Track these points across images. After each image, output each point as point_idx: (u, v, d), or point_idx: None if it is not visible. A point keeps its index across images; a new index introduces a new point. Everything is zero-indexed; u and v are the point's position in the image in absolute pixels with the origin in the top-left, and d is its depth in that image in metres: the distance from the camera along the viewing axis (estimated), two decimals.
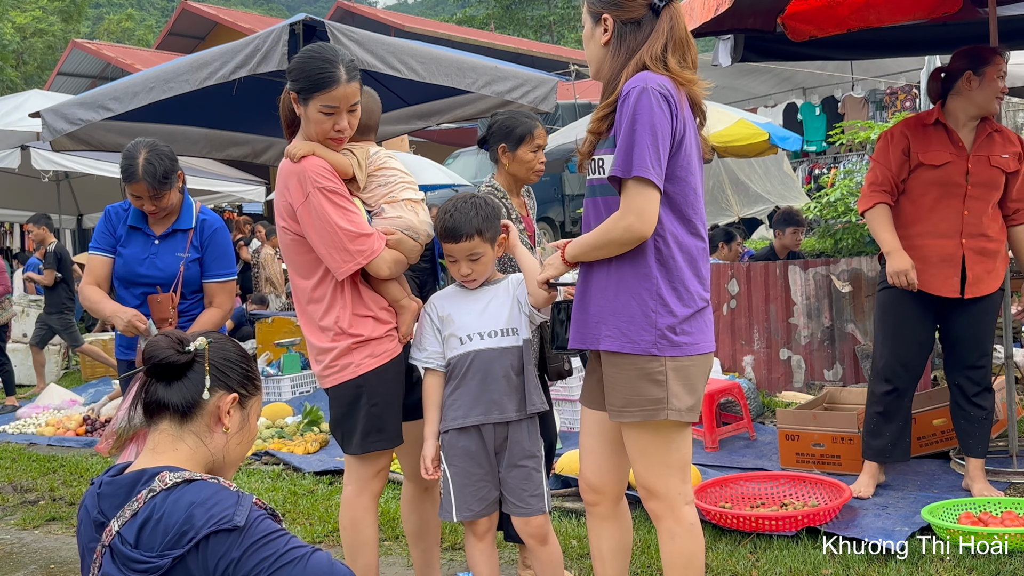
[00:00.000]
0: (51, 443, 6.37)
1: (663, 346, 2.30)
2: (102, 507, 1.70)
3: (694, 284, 2.35)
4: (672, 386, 2.31)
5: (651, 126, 2.23)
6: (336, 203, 2.71)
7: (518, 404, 2.78)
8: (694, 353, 2.34)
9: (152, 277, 3.53)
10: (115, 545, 1.64)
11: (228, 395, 1.80)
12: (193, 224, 3.59)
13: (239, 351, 1.87)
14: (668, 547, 2.43)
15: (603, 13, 2.37)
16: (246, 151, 8.27)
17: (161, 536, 1.60)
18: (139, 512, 1.64)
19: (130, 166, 3.41)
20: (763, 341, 6.16)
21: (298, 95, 2.70)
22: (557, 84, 6.87)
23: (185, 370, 1.77)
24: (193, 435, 1.78)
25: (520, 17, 39.52)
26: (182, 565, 1.59)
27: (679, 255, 2.33)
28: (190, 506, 1.62)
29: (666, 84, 2.28)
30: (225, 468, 1.84)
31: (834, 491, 3.79)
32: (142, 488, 1.67)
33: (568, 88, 14.85)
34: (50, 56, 29.46)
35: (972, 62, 3.81)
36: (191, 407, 1.77)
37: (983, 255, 3.81)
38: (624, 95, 2.27)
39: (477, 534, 2.85)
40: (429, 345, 2.86)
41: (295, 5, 56.26)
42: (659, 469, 2.39)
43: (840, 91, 13.72)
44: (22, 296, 10.34)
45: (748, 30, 4.46)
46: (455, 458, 2.80)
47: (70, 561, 4.03)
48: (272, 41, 5.74)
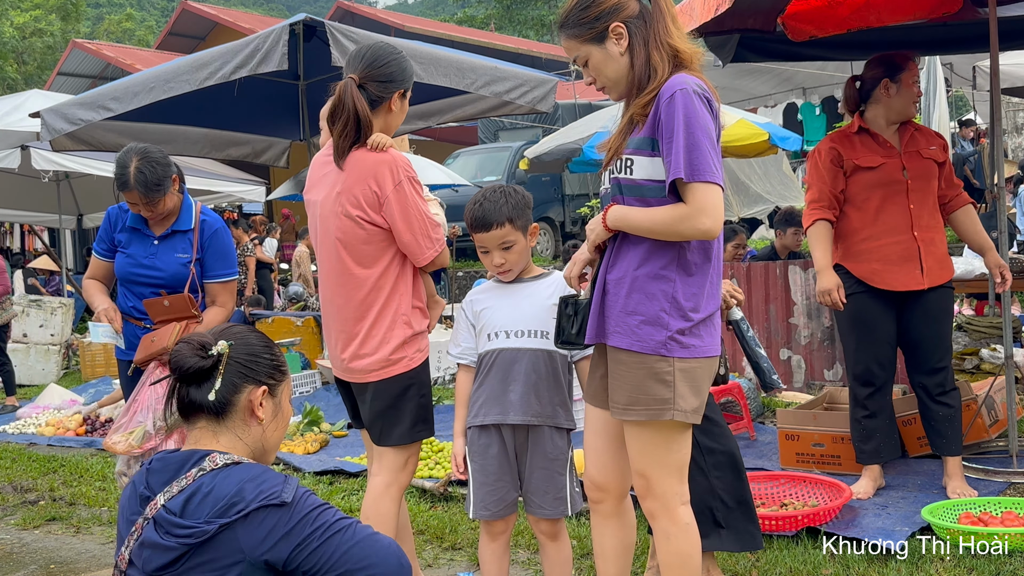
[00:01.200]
0: (51, 443, 6.37)
1: (673, 347, 2.30)
2: (150, 481, 1.77)
3: (708, 289, 2.35)
4: (679, 387, 2.31)
5: (705, 128, 2.24)
6: (420, 193, 2.87)
7: (539, 410, 2.72)
8: (702, 356, 2.34)
9: (152, 277, 3.54)
10: (159, 516, 1.70)
11: (258, 388, 1.86)
12: (193, 225, 3.59)
13: (262, 341, 1.93)
14: (663, 547, 2.43)
15: (608, 26, 2.33)
16: (246, 151, 8.28)
17: (209, 506, 1.67)
18: (186, 488, 1.71)
19: (122, 175, 3.42)
20: (763, 341, 6.16)
21: (404, 92, 2.90)
22: (557, 84, 6.87)
23: (212, 372, 1.84)
24: (230, 430, 1.85)
25: (520, 17, 39.47)
26: (229, 534, 1.66)
27: (699, 260, 2.33)
28: (241, 481, 1.70)
29: (702, 84, 2.29)
30: (266, 454, 1.91)
31: (834, 491, 3.79)
32: (192, 467, 1.74)
33: (568, 88, 14.84)
34: (50, 56, 29.45)
35: (888, 70, 3.90)
36: (224, 405, 1.83)
37: (933, 245, 3.90)
38: (668, 96, 2.25)
39: (491, 534, 2.84)
40: (464, 340, 2.86)
41: (295, 5, 56.26)
42: (658, 468, 2.39)
43: (840, 91, 13.72)
44: (22, 296, 10.34)
45: (748, 30, 4.46)
46: (476, 455, 2.79)
47: (70, 561, 4.03)
48: (272, 41, 5.74)
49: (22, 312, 9.72)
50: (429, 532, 3.90)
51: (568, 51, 2.42)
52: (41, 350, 9.79)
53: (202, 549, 1.66)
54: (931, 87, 9.56)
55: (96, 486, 5.12)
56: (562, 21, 2.39)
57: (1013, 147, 14.70)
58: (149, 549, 1.70)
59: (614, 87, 2.41)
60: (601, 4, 2.32)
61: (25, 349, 9.63)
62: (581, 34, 2.35)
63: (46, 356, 9.79)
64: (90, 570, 3.86)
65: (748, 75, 9.91)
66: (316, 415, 6.02)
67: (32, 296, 10.41)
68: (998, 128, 5.01)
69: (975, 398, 4.28)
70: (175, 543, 1.67)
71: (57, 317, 9.86)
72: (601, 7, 2.32)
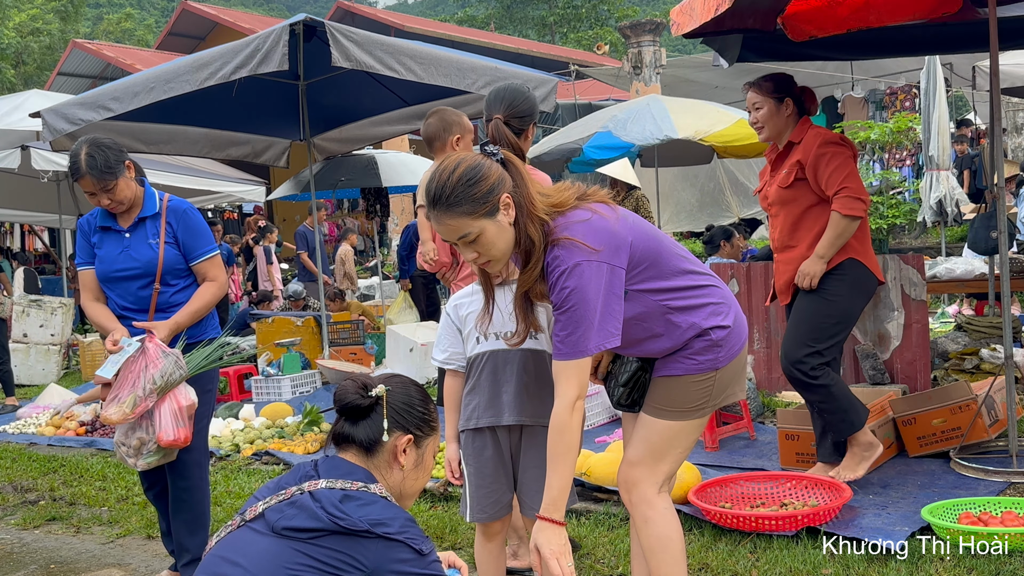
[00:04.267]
0: (51, 443, 6.37)
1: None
2: (319, 467, 2.00)
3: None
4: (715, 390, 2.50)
5: (596, 299, 2.33)
6: None
7: (532, 410, 2.72)
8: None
9: (130, 269, 3.54)
10: (322, 493, 1.90)
11: (404, 436, 2.06)
12: (158, 209, 3.59)
13: (420, 394, 2.14)
14: (643, 532, 2.50)
15: (499, 197, 2.28)
16: (246, 151, 8.29)
17: (360, 512, 1.88)
18: (348, 489, 1.92)
19: (74, 163, 3.45)
20: (763, 341, 6.16)
21: (536, 122, 3.42)
22: (557, 84, 6.88)
23: (369, 412, 2.05)
24: (376, 468, 2.05)
25: (520, 17, 39.50)
26: (367, 543, 1.86)
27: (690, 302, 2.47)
28: (397, 514, 1.93)
29: (586, 223, 2.34)
30: (403, 499, 2.10)
31: (834, 491, 3.79)
32: (359, 479, 1.96)
33: (568, 88, 14.85)
34: (49, 56, 29.43)
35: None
36: (373, 444, 2.04)
37: (789, 264, 4.08)
38: (559, 273, 2.29)
39: (488, 535, 2.85)
40: (451, 345, 2.84)
41: (295, 5, 56.25)
42: (650, 459, 2.50)
43: (840, 91, 13.72)
44: (22, 296, 10.34)
45: (748, 30, 4.46)
46: (471, 458, 2.79)
47: (70, 561, 4.04)
48: (272, 41, 5.75)
49: (22, 312, 9.72)
50: (429, 532, 3.91)
51: (456, 230, 2.28)
52: (41, 350, 9.79)
53: (341, 538, 1.85)
54: (931, 87, 9.54)
55: (96, 486, 5.13)
56: (446, 199, 2.26)
57: (1013, 147, 14.69)
58: (298, 509, 1.88)
59: (499, 261, 2.38)
60: (488, 177, 2.28)
61: (25, 349, 9.64)
62: (475, 209, 2.26)
63: (46, 356, 9.80)
64: (90, 570, 3.86)
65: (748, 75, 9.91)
66: (316, 415, 6.02)
67: (32, 296, 10.40)
68: (998, 128, 5.00)
69: (975, 398, 4.28)
70: (327, 518, 1.85)
71: (57, 317, 9.87)
72: (489, 180, 2.28)
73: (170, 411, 3.34)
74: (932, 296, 9.33)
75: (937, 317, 9.27)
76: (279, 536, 1.87)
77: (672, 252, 2.46)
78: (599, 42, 30.60)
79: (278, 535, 1.87)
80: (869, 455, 3.98)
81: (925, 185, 10.03)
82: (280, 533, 1.87)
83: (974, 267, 6.67)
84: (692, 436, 2.55)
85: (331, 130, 8.42)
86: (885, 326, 5.42)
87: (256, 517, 1.93)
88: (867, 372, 5.41)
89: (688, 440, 2.55)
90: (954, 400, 4.26)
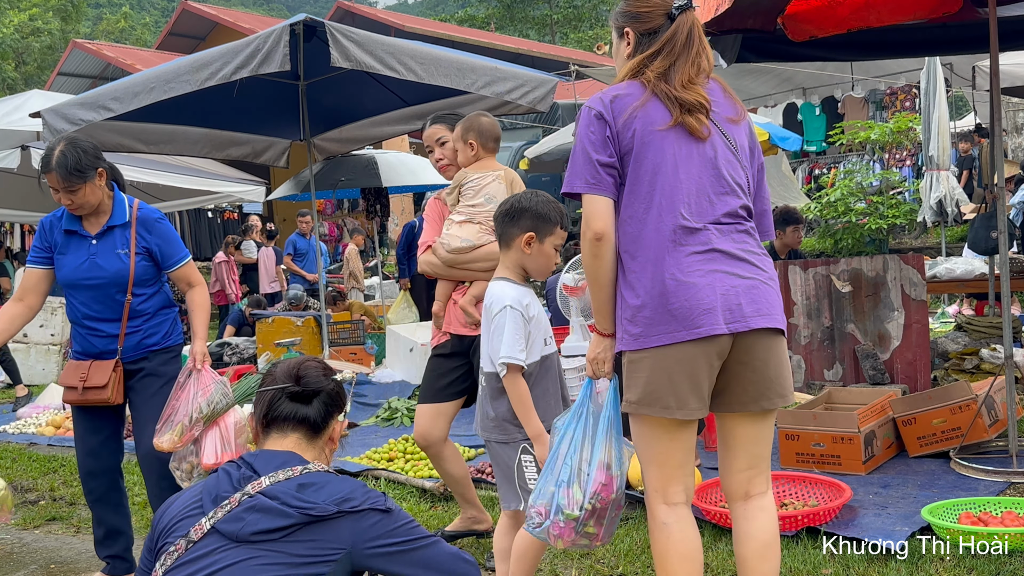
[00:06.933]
0: (51, 443, 6.37)
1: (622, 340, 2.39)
2: (255, 466, 1.96)
3: (642, 281, 2.33)
4: (625, 378, 2.38)
5: (580, 142, 2.38)
6: None
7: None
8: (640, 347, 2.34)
9: (96, 278, 3.48)
10: (274, 490, 1.88)
11: (339, 417, 2.15)
12: (127, 219, 3.54)
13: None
14: (651, 540, 2.48)
15: (625, 27, 2.46)
16: (246, 151, 8.29)
17: (326, 496, 1.89)
18: (295, 478, 1.92)
19: (46, 157, 3.43)
20: None
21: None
22: (556, 84, 6.88)
23: (317, 394, 2.09)
24: (318, 448, 2.10)
25: (521, 17, 39.48)
26: (340, 522, 1.87)
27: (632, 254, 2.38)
28: (351, 486, 1.94)
29: (604, 99, 2.36)
30: None
31: (834, 491, 3.79)
32: (298, 464, 1.97)
33: (568, 88, 14.84)
34: (50, 56, 29.45)
35: None
36: (321, 426, 2.09)
37: None
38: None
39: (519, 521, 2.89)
40: (527, 344, 2.84)
41: (295, 5, 56.28)
42: (641, 462, 2.46)
43: (840, 91, 13.71)
44: None
45: (748, 30, 4.46)
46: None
47: (70, 561, 4.04)
48: (273, 42, 5.74)
49: None
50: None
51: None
52: (41, 350, 9.80)
53: (313, 527, 1.85)
54: (931, 87, 9.54)
55: None
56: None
57: (1013, 147, 14.70)
58: (260, 512, 1.85)
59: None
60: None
61: (25, 349, 9.64)
62: (615, 18, 2.56)
63: (46, 356, 9.80)
64: (90, 570, 3.86)
65: (748, 75, 9.92)
66: None
67: None
68: (998, 128, 5.01)
69: (975, 398, 4.29)
70: (294, 512, 1.84)
71: (57, 317, 9.87)
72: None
73: (216, 436, 3.47)
74: (932, 296, 9.34)
75: (937, 317, 9.27)
76: (248, 544, 1.83)
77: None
78: (599, 42, 30.59)
79: (246, 543, 1.83)
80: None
81: (925, 185, 10.04)
82: (248, 540, 1.83)
83: (974, 267, 6.68)
84: (646, 442, 2.38)
85: (331, 130, 8.43)
86: (885, 326, 5.42)
87: (207, 534, 1.86)
88: (867, 372, 5.41)
89: (645, 446, 2.39)
90: (954, 400, 4.26)
